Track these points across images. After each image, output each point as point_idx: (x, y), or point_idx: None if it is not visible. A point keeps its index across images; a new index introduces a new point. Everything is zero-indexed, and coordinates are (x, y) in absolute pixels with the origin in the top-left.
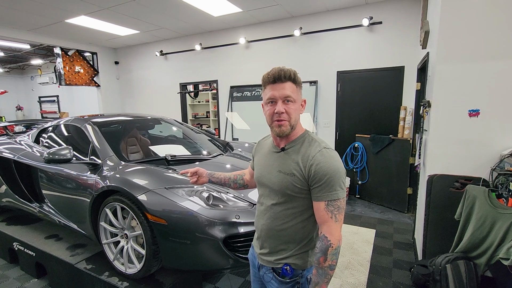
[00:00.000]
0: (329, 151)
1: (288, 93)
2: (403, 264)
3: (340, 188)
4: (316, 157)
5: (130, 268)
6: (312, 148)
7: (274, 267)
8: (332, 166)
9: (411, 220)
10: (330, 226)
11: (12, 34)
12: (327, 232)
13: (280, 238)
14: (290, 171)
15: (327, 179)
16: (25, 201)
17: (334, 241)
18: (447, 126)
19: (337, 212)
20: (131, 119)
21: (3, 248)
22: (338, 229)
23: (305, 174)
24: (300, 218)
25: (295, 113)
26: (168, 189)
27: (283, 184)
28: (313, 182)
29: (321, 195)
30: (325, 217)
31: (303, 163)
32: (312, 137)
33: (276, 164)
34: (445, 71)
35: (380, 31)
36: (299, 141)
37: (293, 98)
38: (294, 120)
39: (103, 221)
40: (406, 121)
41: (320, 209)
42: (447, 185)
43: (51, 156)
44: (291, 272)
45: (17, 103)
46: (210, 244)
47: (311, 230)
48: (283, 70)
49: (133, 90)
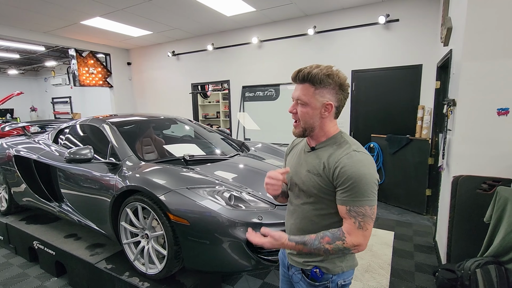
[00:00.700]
0: (359, 155)
1: (300, 94)
2: (426, 267)
3: (365, 196)
4: (342, 160)
5: (151, 269)
6: (341, 149)
7: (303, 269)
8: (358, 171)
9: (430, 222)
10: (351, 228)
11: (29, 36)
12: (346, 230)
13: None
14: (317, 171)
15: (350, 184)
16: (44, 200)
17: (349, 241)
18: (473, 125)
19: (361, 219)
20: (147, 119)
21: (23, 247)
22: (359, 235)
23: (329, 176)
24: (330, 221)
25: (305, 116)
26: (189, 189)
27: (311, 184)
28: (337, 185)
29: (343, 200)
30: (347, 220)
31: (330, 164)
32: (344, 139)
33: (305, 164)
34: (471, 68)
35: (397, 28)
36: (330, 142)
37: (303, 101)
38: (304, 123)
39: (123, 221)
40: (424, 121)
41: (342, 213)
42: (473, 187)
43: (72, 156)
44: (321, 275)
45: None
46: (233, 246)
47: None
48: (300, 71)
49: (145, 91)
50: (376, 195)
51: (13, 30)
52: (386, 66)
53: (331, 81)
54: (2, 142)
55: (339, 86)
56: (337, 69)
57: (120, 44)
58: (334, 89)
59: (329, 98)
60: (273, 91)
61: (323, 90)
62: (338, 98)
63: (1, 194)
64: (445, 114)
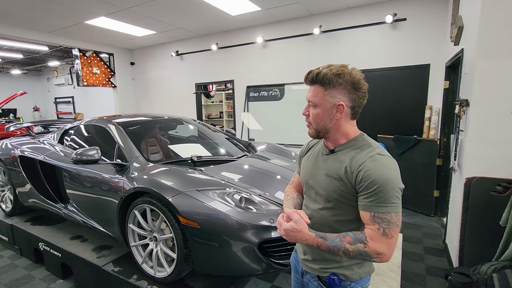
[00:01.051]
0: (383, 158)
1: (310, 96)
2: (437, 271)
3: (391, 202)
4: (366, 163)
5: (160, 272)
6: (364, 152)
7: (319, 275)
8: (383, 175)
9: (439, 223)
10: (374, 234)
11: (33, 36)
12: (369, 235)
13: None
14: (337, 175)
15: (375, 189)
16: (50, 202)
17: (371, 247)
18: (488, 126)
19: (386, 226)
20: (153, 120)
21: (29, 248)
22: (383, 243)
23: (351, 180)
24: (348, 227)
25: (316, 118)
26: (200, 191)
27: (330, 188)
28: (360, 190)
29: (367, 205)
30: (371, 227)
31: (352, 168)
32: (366, 141)
33: (324, 167)
34: (486, 67)
35: (404, 28)
36: (352, 144)
37: (314, 103)
38: (316, 125)
39: (131, 223)
40: (432, 121)
41: (365, 219)
42: (487, 189)
43: (79, 157)
44: (339, 283)
45: (34, 104)
46: (245, 249)
47: None
48: (310, 73)
49: (149, 91)
50: (401, 201)
51: (17, 29)
52: (393, 66)
53: (341, 81)
54: (7, 142)
55: (352, 85)
56: (352, 68)
57: (123, 44)
58: (345, 88)
59: (340, 98)
60: (277, 91)
61: (333, 91)
62: (351, 98)
63: (6, 194)
64: (457, 114)
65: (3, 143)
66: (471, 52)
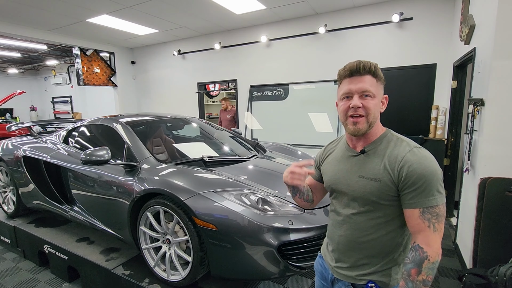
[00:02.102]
0: (421, 151)
1: (367, 86)
2: (449, 272)
3: (438, 192)
4: (407, 158)
5: (173, 276)
6: (400, 148)
7: (354, 283)
8: (428, 168)
9: (446, 224)
10: (428, 236)
11: (33, 34)
12: (423, 243)
13: (363, 252)
14: (375, 176)
15: (423, 183)
16: (55, 203)
17: (432, 253)
18: (503, 125)
19: (435, 221)
20: (159, 119)
21: (33, 251)
22: (438, 240)
23: (394, 178)
24: (386, 229)
25: (375, 108)
26: (216, 193)
27: (367, 190)
28: (405, 187)
29: (416, 202)
30: (421, 226)
31: (391, 165)
32: (397, 136)
33: (355, 169)
34: (502, 67)
35: (411, 27)
36: (382, 141)
37: (372, 93)
38: (373, 116)
39: (143, 225)
40: (439, 121)
41: (414, 217)
42: (503, 189)
43: (88, 157)
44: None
45: (31, 104)
46: (264, 252)
47: (399, 242)
48: (362, 62)
49: (150, 90)
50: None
51: (18, 27)
52: (399, 65)
53: (381, 75)
54: (9, 143)
55: (382, 82)
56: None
57: (124, 43)
58: (383, 83)
59: (382, 91)
60: (281, 90)
61: (381, 84)
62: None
63: (8, 196)
64: (471, 114)
65: (5, 143)
66: (485, 51)
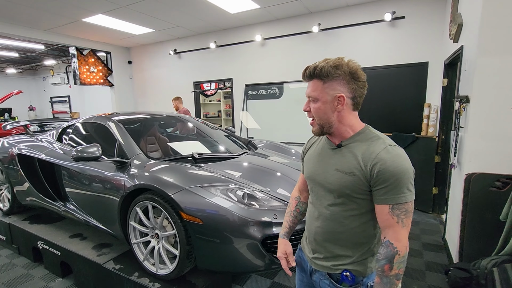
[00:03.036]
0: (396, 149)
1: (309, 92)
2: (436, 266)
3: (408, 190)
4: (381, 156)
5: (162, 269)
6: (376, 145)
7: (331, 273)
8: (399, 166)
9: (437, 220)
10: (397, 232)
11: (29, 34)
12: (393, 238)
13: (338, 242)
14: (350, 170)
15: (394, 181)
16: (49, 200)
17: (402, 248)
18: (488, 122)
19: (404, 216)
20: (152, 117)
21: (27, 247)
22: (406, 235)
23: (367, 174)
24: (360, 221)
25: (318, 112)
26: (203, 188)
27: (342, 183)
28: (376, 183)
29: (386, 198)
30: (390, 221)
31: (365, 161)
32: (374, 133)
33: (333, 162)
34: (486, 64)
35: (403, 26)
36: (361, 137)
37: (314, 97)
38: (319, 119)
39: (132, 220)
40: (430, 119)
41: (384, 213)
42: (487, 184)
43: (79, 154)
44: (352, 279)
45: (30, 104)
46: (248, 245)
47: (373, 234)
48: (307, 68)
49: (146, 89)
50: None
51: (14, 27)
52: (392, 64)
53: (339, 72)
54: (4, 141)
55: (351, 76)
56: (349, 59)
57: (121, 42)
58: (344, 79)
59: (339, 89)
60: (276, 89)
61: (333, 83)
62: (351, 88)
63: (3, 193)
64: (457, 111)
65: (0, 141)
66: (471, 48)
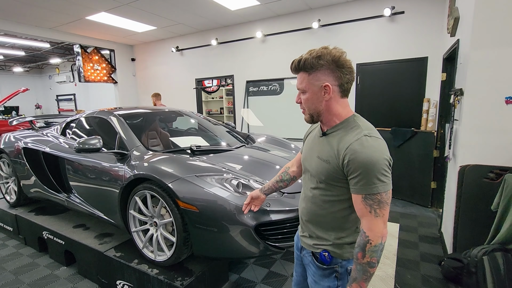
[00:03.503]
0: (370, 140)
1: (298, 84)
2: (431, 257)
3: (379, 180)
4: (352, 146)
5: (160, 256)
6: (351, 134)
7: (313, 251)
8: (368, 157)
9: (435, 214)
10: (370, 221)
11: (35, 32)
12: (365, 227)
13: (320, 224)
14: (326, 158)
15: (362, 171)
16: (53, 192)
17: (374, 237)
18: (481, 114)
19: (377, 207)
20: (154, 112)
21: (33, 237)
22: (379, 224)
23: (339, 163)
24: (338, 207)
25: (307, 103)
26: (198, 177)
27: (319, 170)
28: (348, 173)
29: (358, 188)
30: (363, 211)
31: (340, 150)
32: (356, 122)
33: (317, 149)
34: (479, 57)
35: (402, 21)
36: (342, 126)
37: (301, 89)
38: (308, 109)
39: (132, 209)
40: (430, 114)
41: (358, 202)
42: (480, 176)
43: (81, 146)
44: (330, 259)
45: (36, 102)
46: (242, 232)
47: (352, 220)
48: (293, 62)
49: (149, 86)
50: (390, 178)
51: (20, 26)
52: (392, 59)
53: (322, 62)
54: (11, 135)
55: (335, 64)
56: (333, 47)
57: (124, 40)
58: (329, 68)
59: (324, 79)
60: (277, 85)
61: (317, 74)
62: (337, 76)
63: (10, 186)
64: (452, 104)
65: (7, 136)
66: (466, 42)
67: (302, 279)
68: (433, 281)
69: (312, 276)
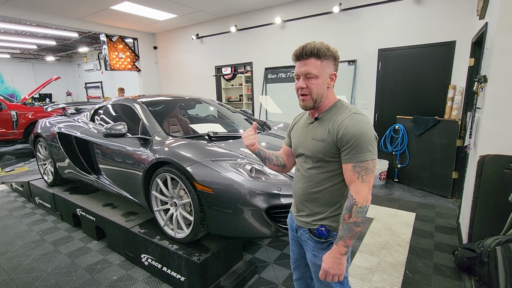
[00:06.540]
0: (358, 116)
1: (309, 69)
2: (446, 247)
3: (368, 150)
4: (344, 122)
5: (179, 233)
6: (342, 114)
7: (310, 228)
8: (359, 129)
9: (455, 205)
10: (357, 186)
11: (63, 23)
12: (353, 191)
13: (316, 201)
14: (321, 138)
15: (354, 141)
16: (85, 173)
17: (359, 199)
18: (505, 102)
19: (364, 173)
20: (174, 99)
21: (68, 214)
22: (365, 189)
23: (334, 139)
24: (333, 182)
25: (317, 88)
26: (214, 161)
27: (316, 149)
28: (341, 145)
29: (349, 157)
30: (352, 178)
31: (333, 128)
32: (344, 105)
33: (311, 133)
34: (506, 41)
35: (429, 3)
36: (333, 110)
37: (314, 74)
38: (316, 94)
39: (154, 191)
40: (455, 101)
41: (348, 170)
42: (501, 166)
43: (108, 131)
44: (327, 232)
45: (67, 89)
46: (253, 213)
47: (344, 193)
48: (305, 48)
49: (171, 74)
50: (376, 149)
51: (50, 17)
52: (416, 44)
53: (330, 54)
54: (46, 121)
55: (334, 58)
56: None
57: (146, 28)
58: (333, 60)
59: (332, 68)
60: None
61: (327, 62)
62: (336, 68)
63: (47, 167)
64: (475, 91)
65: (43, 121)
66: (493, 25)
67: (299, 257)
68: (445, 270)
69: (311, 251)
